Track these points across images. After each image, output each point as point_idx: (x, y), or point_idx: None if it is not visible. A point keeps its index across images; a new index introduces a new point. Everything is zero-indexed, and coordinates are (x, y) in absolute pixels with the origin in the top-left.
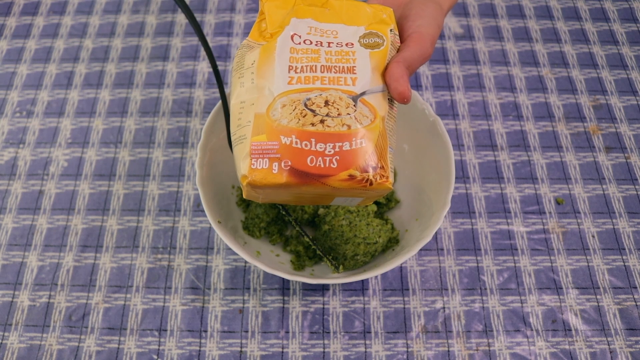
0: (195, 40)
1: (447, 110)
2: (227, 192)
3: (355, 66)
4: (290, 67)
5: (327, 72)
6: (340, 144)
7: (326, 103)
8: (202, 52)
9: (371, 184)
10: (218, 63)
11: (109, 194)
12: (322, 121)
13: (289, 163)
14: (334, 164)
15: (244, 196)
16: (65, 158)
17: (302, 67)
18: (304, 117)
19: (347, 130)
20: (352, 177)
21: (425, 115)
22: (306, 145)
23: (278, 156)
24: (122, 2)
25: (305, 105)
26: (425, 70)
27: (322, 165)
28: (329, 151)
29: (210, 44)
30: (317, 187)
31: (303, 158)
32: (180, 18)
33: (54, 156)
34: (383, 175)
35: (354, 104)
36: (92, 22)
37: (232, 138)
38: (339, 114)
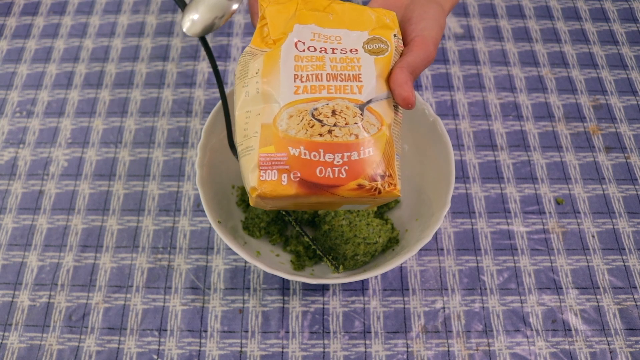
0: (195, 40)
1: (447, 110)
2: (227, 192)
3: (360, 74)
4: (296, 76)
5: (333, 80)
6: (348, 153)
7: (333, 113)
8: (202, 52)
9: (380, 192)
10: (218, 63)
11: (109, 194)
12: (330, 131)
13: (298, 174)
14: (342, 174)
15: (252, 204)
16: (65, 158)
17: (307, 75)
18: (311, 127)
19: (354, 139)
20: (361, 186)
21: (425, 115)
22: (315, 156)
23: (287, 167)
24: (122, 2)
25: (313, 115)
26: (425, 71)
27: (331, 176)
28: (338, 161)
29: (210, 44)
30: (327, 197)
31: (312, 169)
32: (180, 18)
33: (54, 156)
34: (391, 184)
35: (360, 112)
36: (92, 22)
37: (239, 149)
38: (346, 124)
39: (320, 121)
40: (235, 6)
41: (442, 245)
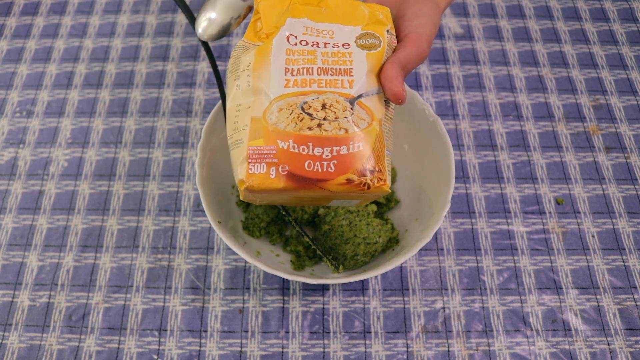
0: (195, 40)
1: (447, 110)
2: (227, 192)
3: (352, 68)
4: (287, 70)
5: (324, 74)
6: (337, 148)
7: (323, 106)
8: (202, 52)
9: (369, 187)
10: (218, 63)
11: (109, 194)
12: (319, 125)
13: (287, 168)
14: (331, 169)
15: (241, 198)
16: (65, 158)
17: (298, 69)
18: (301, 121)
19: (344, 134)
20: (349, 181)
21: (425, 115)
22: (304, 149)
23: (275, 161)
24: (122, 2)
25: (302, 109)
26: (425, 70)
27: (320, 170)
28: (327, 155)
29: (210, 45)
30: (315, 191)
31: (301, 163)
32: (180, 18)
33: (54, 156)
34: (380, 179)
35: (351, 107)
36: (92, 22)
37: (229, 142)
38: (336, 118)
39: (309, 115)
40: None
41: (442, 245)
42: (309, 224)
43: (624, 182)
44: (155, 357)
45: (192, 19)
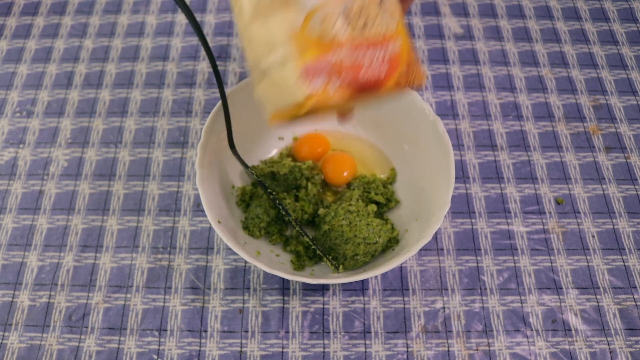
0: (195, 40)
1: (447, 110)
2: (227, 192)
3: None
4: None
5: None
6: (383, 50)
7: (362, 9)
8: (202, 52)
9: (412, 82)
10: (218, 63)
11: (109, 194)
12: (363, 28)
13: (345, 79)
14: (382, 73)
15: (269, 124)
16: (65, 158)
17: None
18: (347, 28)
19: (386, 34)
20: (399, 80)
21: (425, 115)
22: (357, 58)
23: (333, 74)
24: (122, 2)
25: (345, 14)
26: (425, 70)
27: (374, 76)
28: (377, 59)
29: (210, 44)
30: (369, 98)
31: (356, 72)
32: (180, 18)
33: (54, 156)
34: (419, 70)
35: (380, 0)
36: (92, 22)
37: (254, 72)
38: (375, 18)
39: (353, 20)
40: None
41: (442, 245)
42: (309, 224)
43: (624, 182)
44: (155, 357)
45: (192, 19)
